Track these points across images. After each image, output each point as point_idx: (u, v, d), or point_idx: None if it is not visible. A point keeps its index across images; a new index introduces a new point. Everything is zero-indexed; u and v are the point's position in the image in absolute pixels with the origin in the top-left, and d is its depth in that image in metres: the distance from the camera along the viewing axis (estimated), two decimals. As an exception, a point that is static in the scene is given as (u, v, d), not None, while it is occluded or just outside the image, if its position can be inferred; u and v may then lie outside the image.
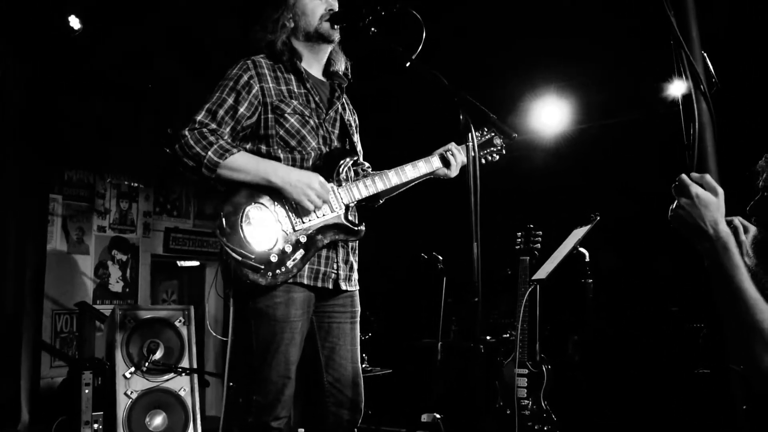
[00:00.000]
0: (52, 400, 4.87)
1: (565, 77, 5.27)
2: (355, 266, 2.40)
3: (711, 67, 2.32)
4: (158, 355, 4.09)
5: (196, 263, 7.06)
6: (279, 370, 2.16)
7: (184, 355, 4.19)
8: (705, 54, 2.34)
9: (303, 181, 2.12)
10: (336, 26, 2.35)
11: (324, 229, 2.21)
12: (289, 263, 2.12)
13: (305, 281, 2.19)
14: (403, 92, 5.39)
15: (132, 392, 3.94)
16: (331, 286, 2.27)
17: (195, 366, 4.23)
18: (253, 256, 2.07)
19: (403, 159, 2.48)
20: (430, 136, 2.73)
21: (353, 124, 2.50)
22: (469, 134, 2.18)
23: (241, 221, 2.09)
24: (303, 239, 2.16)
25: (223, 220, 2.10)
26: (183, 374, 4.12)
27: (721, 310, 1.53)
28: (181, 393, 4.10)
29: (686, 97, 2.43)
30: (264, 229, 2.11)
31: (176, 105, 5.67)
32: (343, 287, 2.31)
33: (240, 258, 2.06)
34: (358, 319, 2.41)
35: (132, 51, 5.29)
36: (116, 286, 6.00)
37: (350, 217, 2.29)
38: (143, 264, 6.26)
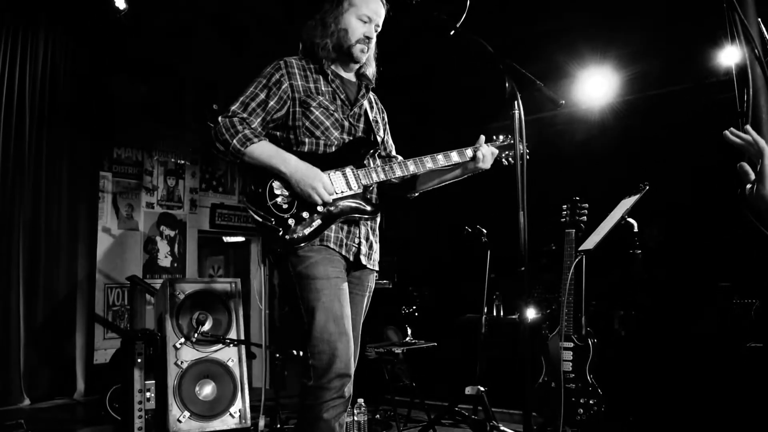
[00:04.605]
0: (105, 370, 5.04)
1: (611, 47, 5.14)
2: (376, 247, 2.50)
3: (766, 32, 2.23)
4: (207, 326, 4.17)
5: (241, 239, 7.17)
6: (329, 328, 2.22)
7: (231, 327, 4.26)
8: (760, 20, 2.26)
9: (308, 181, 2.26)
10: (366, 52, 2.46)
11: (340, 202, 2.33)
12: (307, 230, 2.26)
13: (332, 246, 2.31)
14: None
15: (182, 362, 4.04)
16: (352, 258, 2.38)
17: (242, 338, 4.31)
18: (273, 219, 2.23)
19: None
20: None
21: (380, 121, 2.62)
22: (515, 101, 2.18)
23: (266, 190, 2.26)
24: (320, 209, 2.29)
25: (251, 190, 2.29)
26: (231, 345, 4.20)
27: None
28: (230, 364, 4.18)
29: (740, 62, 2.35)
30: (284, 198, 2.27)
31: (217, 85, 5.74)
32: (363, 262, 2.42)
33: (261, 220, 2.24)
34: (370, 296, 2.53)
35: (174, 32, 5.36)
36: (165, 260, 6.16)
37: (368, 197, 2.40)
38: (190, 239, 6.40)
